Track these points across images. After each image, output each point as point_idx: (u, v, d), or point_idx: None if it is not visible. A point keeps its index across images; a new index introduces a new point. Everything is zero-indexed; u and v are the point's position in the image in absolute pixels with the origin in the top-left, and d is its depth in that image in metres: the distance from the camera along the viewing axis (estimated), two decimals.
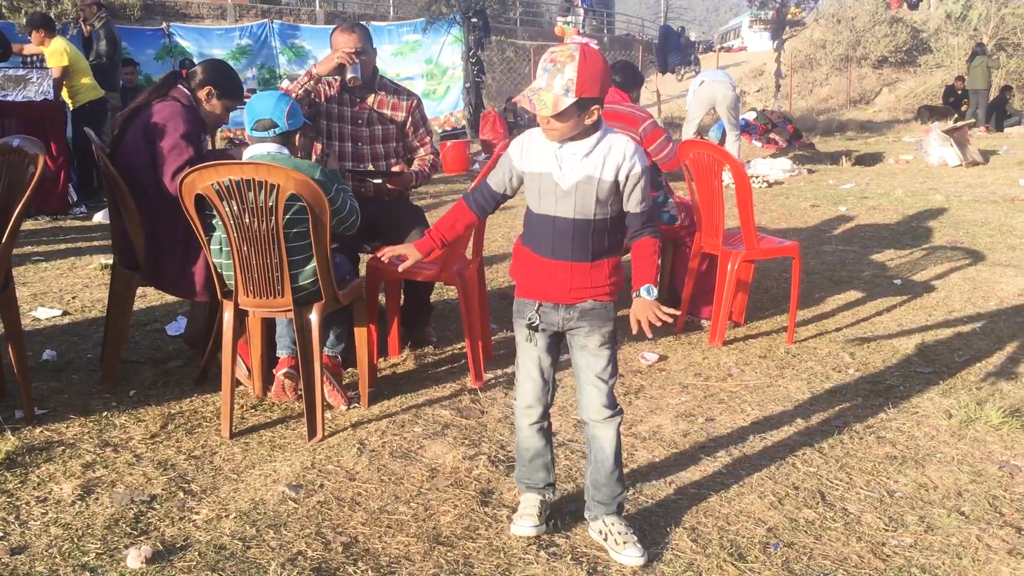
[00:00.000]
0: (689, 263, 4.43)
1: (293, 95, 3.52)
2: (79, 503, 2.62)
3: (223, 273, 3.14)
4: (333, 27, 4.01)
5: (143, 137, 3.38)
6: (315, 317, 3.09)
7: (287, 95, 3.23)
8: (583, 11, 21.00)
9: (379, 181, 3.90)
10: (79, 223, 7.37)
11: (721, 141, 10.60)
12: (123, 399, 3.45)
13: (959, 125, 12.53)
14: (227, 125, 9.25)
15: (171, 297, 4.36)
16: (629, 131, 4.31)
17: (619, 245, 2.39)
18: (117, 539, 2.42)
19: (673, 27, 24.04)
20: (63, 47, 8.02)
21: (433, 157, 4.13)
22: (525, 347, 2.41)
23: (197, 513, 2.57)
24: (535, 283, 2.36)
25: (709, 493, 2.72)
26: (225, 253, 3.08)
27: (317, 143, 3.96)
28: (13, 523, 2.50)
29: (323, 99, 3.89)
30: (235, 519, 2.54)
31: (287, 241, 2.95)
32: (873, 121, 18.81)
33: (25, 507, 2.59)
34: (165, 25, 13.83)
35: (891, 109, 21.30)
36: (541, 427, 2.46)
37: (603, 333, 2.35)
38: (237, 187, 2.84)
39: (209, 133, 3.68)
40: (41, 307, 4.68)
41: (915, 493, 2.73)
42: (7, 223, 3.05)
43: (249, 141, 3.12)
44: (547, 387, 2.42)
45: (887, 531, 2.51)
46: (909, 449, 3.04)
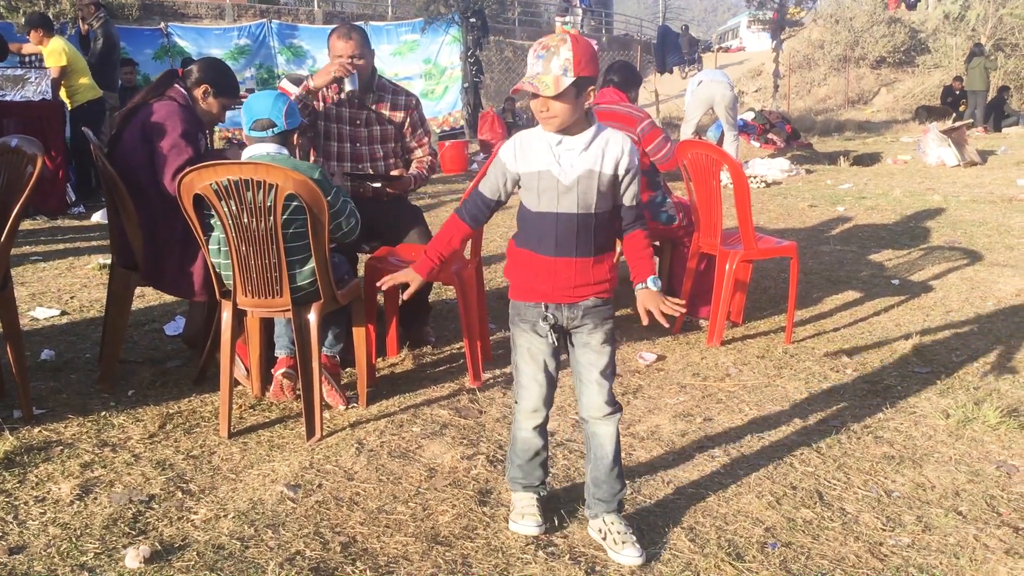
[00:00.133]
0: (687, 263, 4.43)
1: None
2: (77, 503, 2.62)
3: (221, 273, 3.14)
4: (331, 29, 3.99)
5: (141, 137, 3.38)
6: (313, 317, 3.09)
7: (285, 94, 3.23)
8: (581, 11, 21.04)
9: (378, 185, 3.90)
10: (77, 223, 7.37)
11: (719, 141, 10.61)
12: (121, 399, 3.45)
13: (957, 125, 12.54)
14: (225, 125, 9.28)
15: (169, 297, 4.36)
16: (627, 131, 4.31)
17: (614, 241, 2.42)
18: (115, 539, 2.42)
19: (672, 28, 24.03)
20: (61, 47, 8.02)
21: (431, 159, 4.12)
22: (529, 351, 2.38)
23: (195, 513, 2.57)
24: (537, 284, 2.34)
25: (707, 493, 2.72)
26: (223, 253, 3.08)
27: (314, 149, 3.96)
28: (11, 523, 2.50)
29: (322, 106, 3.89)
30: (233, 519, 2.54)
31: (285, 241, 2.96)
32: (871, 121, 18.82)
33: (23, 507, 2.59)
34: (163, 25, 13.84)
35: (889, 109, 21.32)
36: (543, 428, 2.46)
37: (606, 330, 2.36)
38: (236, 187, 2.84)
39: (206, 132, 3.68)
40: (39, 307, 4.68)
41: (913, 493, 2.74)
42: (5, 223, 3.04)
43: (247, 141, 3.12)
44: (553, 388, 2.42)
45: (885, 531, 2.51)
46: (907, 449, 3.05)
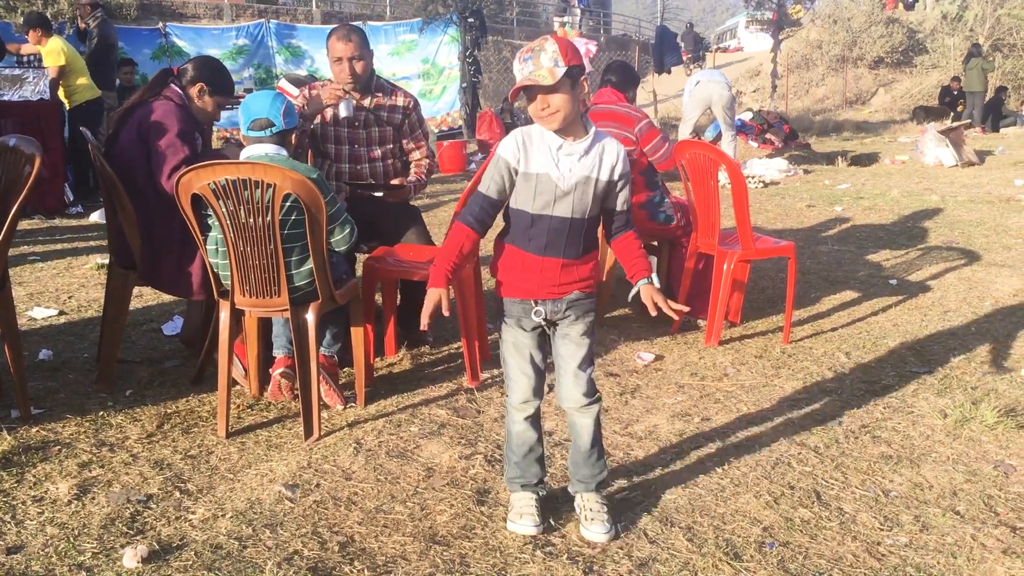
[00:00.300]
0: (685, 263, 4.43)
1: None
2: (75, 503, 2.62)
3: (219, 273, 3.14)
4: (330, 29, 3.98)
5: (137, 136, 3.37)
6: (311, 317, 3.09)
7: (282, 94, 3.23)
8: (580, 11, 21.02)
9: (380, 195, 3.91)
10: (75, 223, 7.36)
11: (715, 141, 10.61)
12: (119, 399, 3.45)
13: (955, 125, 12.55)
14: (223, 125, 9.26)
15: (167, 297, 4.36)
16: (625, 131, 4.31)
17: (598, 240, 2.49)
18: (113, 539, 2.42)
19: (669, 28, 24.00)
20: (60, 47, 8.02)
21: (428, 162, 4.11)
22: (515, 344, 2.44)
23: (193, 513, 2.57)
24: (524, 281, 2.39)
25: (705, 492, 2.73)
26: (221, 253, 3.07)
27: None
28: (9, 522, 2.50)
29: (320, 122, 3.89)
30: (231, 519, 2.54)
31: (284, 241, 2.96)
32: (869, 121, 18.84)
33: (21, 506, 2.59)
34: (162, 25, 13.81)
35: (887, 109, 21.34)
36: (535, 419, 2.51)
37: (587, 322, 2.44)
38: (234, 187, 2.84)
39: (201, 130, 3.67)
40: (37, 307, 4.67)
41: (910, 493, 2.74)
42: (3, 223, 3.04)
43: (244, 142, 3.12)
44: (541, 379, 2.48)
45: (882, 530, 2.52)
46: (904, 449, 3.05)
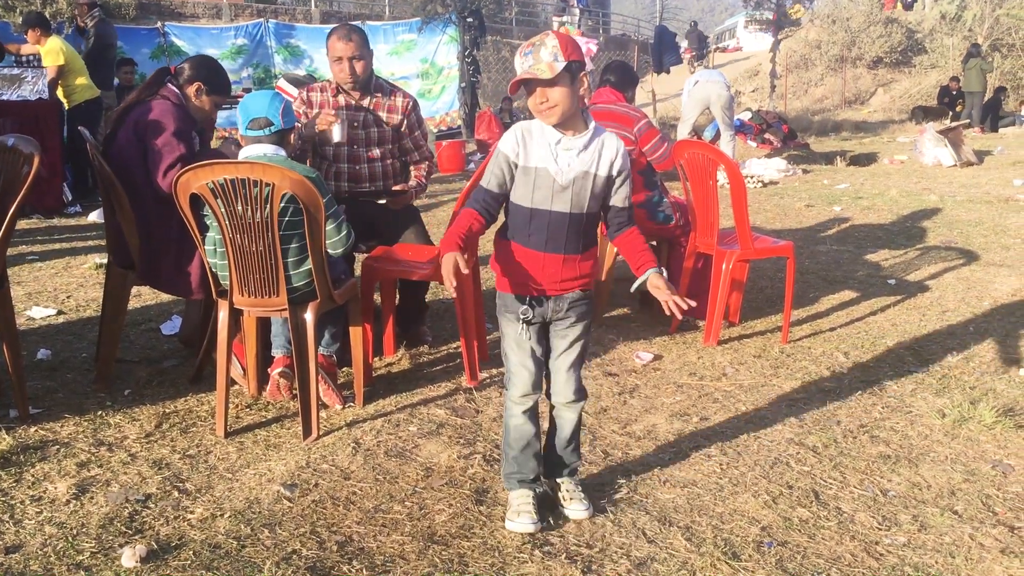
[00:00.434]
0: (684, 263, 4.43)
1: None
2: (74, 502, 2.62)
3: (218, 273, 3.14)
4: (330, 29, 3.97)
5: (134, 136, 3.37)
6: (310, 316, 3.09)
7: (281, 94, 3.23)
8: (579, 11, 21.03)
9: (383, 202, 3.91)
10: (74, 222, 7.35)
11: (714, 141, 10.61)
12: (118, 398, 3.44)
13: (954, 125, 12.55)
14: (221, 124, 9.26)
15: (166, 296, 4.36)
16: (624, 131, 4.32)
17: (597, 236, 2.51)
18: (112, 538, 2.42)
19: (668, 28, 24.00)
20: (59, 46, 8.01)
21: (428, 164, 4.11)
22: (516, 339, 2.45)
23: (192, 512, 2.57)
24: (524, 277, 2.39)
25: (703, 492, 2.73)
26: (220, 253, 3.07)
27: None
28: (7, 522, 2.49)
29: (318, 110, 3.89)
30: (230, 518, 2.54)
31: (282, 241, 2.95)
32: (868, 121, 18.84)
33: (20, 506, 2.59)
34: (160, 24, 13.80)
35: (886, 109, 21.34)
36: (534, 413, 2.52)
37: (584, 325, 2.46)
38: (232, 186, 2.84)
39: (200, 130, 3.67)
40: (36, 306, 4.67)
41: (908, 492, 2.74)
42: (2, 222, 3.04)
43: (243, 141, 3.12)
44: (541, 373, 2.49)
45: (880, 530, 2.52)
46: (903, 448, 3.06)
